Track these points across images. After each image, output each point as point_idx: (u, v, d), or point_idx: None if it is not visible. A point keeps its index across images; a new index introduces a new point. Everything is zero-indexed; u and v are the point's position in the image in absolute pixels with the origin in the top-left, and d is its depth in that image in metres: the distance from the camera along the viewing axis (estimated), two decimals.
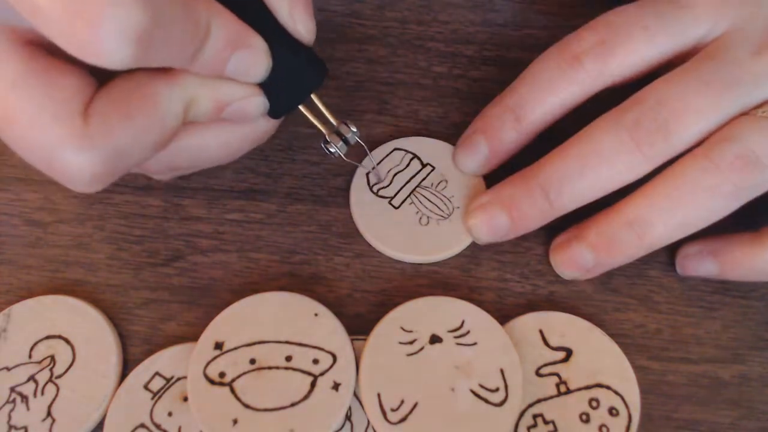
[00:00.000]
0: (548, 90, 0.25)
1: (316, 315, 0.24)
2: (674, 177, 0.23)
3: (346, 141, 0.25)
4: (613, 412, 0.23)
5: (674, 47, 0.25)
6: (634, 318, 0.26)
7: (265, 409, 0.22)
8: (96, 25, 0.15)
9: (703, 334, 0.26)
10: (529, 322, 0.25)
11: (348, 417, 0.23)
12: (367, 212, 0.27)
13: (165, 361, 0.24)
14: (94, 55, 0.16)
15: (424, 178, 0.28)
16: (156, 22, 0.16)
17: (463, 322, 0.24)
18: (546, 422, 0.23)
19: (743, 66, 0.23)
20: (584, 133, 0.24)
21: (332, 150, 0.25)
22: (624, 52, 0.24)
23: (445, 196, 0.28)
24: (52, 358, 0.24)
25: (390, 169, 0.28)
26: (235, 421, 0.22)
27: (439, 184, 0.28)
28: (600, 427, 0.23)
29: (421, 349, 0.23)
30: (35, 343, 0.24)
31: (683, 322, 0.26)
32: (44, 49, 0.18)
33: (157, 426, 0.23)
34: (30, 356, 0.24)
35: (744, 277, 0.25)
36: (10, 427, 0.23)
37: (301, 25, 0.22)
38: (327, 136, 0.25)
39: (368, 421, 0.23)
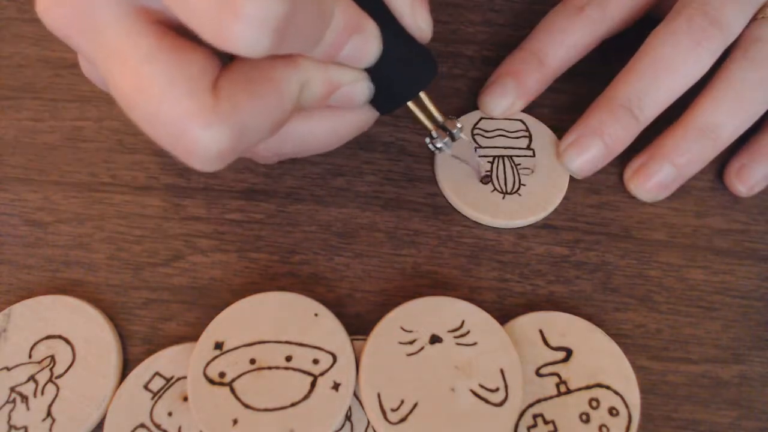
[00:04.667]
0: (562, 35, 0.29)
1: (316, 315, 0.24)
2: (726, 80, 0.26)
3: (452, 136, 0.25)
4: (613, 412, 0.23)
5: None
6: (634, 318, 0.26)
7: (265, 409, 0.22)
8: (239, 15, 0.15)
9: (703, 334, 0.26)
10: (529, 322, 0.25)
11: (348, 417, 0.23)
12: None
13: (165, 361, 0.24)
14: (235, 45, 0.16)
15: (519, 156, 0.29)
16: (293, 10, 0.16)
17: (463, 322, 0.24)
18: (546, 422, 0.23)
19: None
20: (646, 47, 0.27)
21: (439, 146, 0.25)
22: None
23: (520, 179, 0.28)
24: (52, 358, 0.24)
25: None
26: (235, 421, 0.22)
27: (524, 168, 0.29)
28: (600, 427, 0.23)
29: (421, 349, 0.23)
30: (35, 343, 0.24)
31: (683, 322, 0.26)
32: (172, 29, 0.18)
33: (157, 426, 0.23)
34: (30, 356, 0.24)
35: None
36: (10, 427, 0.23)
37: (422, 20, 0.22)
38: (433, 132, 0.25)
39: (368, 421, 0.23)
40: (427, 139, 0.26)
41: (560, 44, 0.29)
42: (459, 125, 0.25)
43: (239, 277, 0.27)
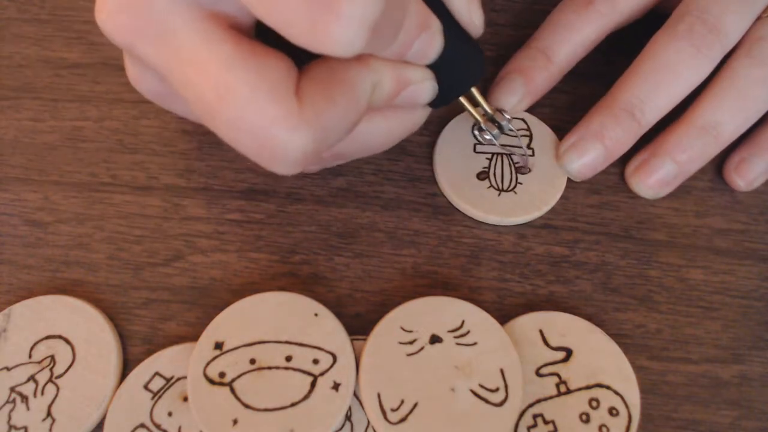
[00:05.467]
0: (570, 31, 0.29)
1: (316, 315, 0.24)
2: (729, 78, 0.26)
3: (500, 128, 0.26)
4: (613, 412, 0.23)
5: None
6: (634, 318, 0.26)
7: (265, 409, 0.22)
8: (338, 15, 0.15)
9: (703, 334, 0.26)
10: (529, 322, 0.25)
11: (348, 417, 0.23)
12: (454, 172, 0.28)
13: (165, 361, 0.24)
14: (330, 46, 0.16)
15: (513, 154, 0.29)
16: (386, 9, 0.16)
17: (463, 322, 0.24)
18: (546, 422, 0.23)
19: None
20: (647, 52, 0.27)
21: (487, 137, 0.26)
22: None
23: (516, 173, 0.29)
24: (52, 358, 0.24)
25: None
26: (235, 421, 0.22)
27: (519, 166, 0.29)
28: (600, 427, 0.23)
29: (421, 349, 0.23)
30: (35, 343, 0.24)
31: (683, 322, 0.26)
32: (246, 34, 0.18)
33: (157, 426, 0.23)
34: (30, 356, 0.24)
35: None
36: (10, 427, 0.23)
37: (476, 16, 0.23)
38: (482, 124, 0.26)
39: (368, 421, 0.23)
40: (476, 132, 0.26)
41: (568, 41, 0.29)
42: (507, 116, 0.26)
43: (239, 277, 0.27)
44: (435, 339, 0.24)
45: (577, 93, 0.31)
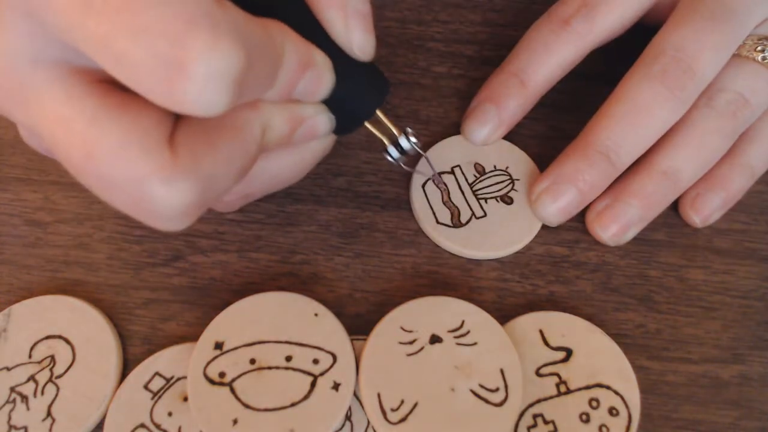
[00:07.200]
0: (546, 53, 0.28)
1: (316, 315, 0.24)
2: (689, 127, 0.26)
3: (403, 151, 0.25)
4: (613, 412, 0.23)
5: None
6: (634, 318, 0.26)
7: (265, 409, 0.22)
8: (190, 76, 0.14)
9: (703, 334, 0.26)
10: (529, 322, 0.25)
11: (348, 417, 0.23)
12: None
13: (165, 361, 0.24)
14: (190, 107, 0.15)
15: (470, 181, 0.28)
16: (249, 61, 0.15)
17: (463, 322, 0.24)
18: (546, 422, 0.23)
19: None
20: (621, 92, 0.26)
21: (390, 159, 0.25)
22: (607, 9, 0.27)
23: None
24: (52, 358, 0.24)
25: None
26: (235, 421, 0.22)
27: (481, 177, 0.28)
28: (600, 427, 0.23)
29: (421, 349, 0.23)
30: (35, 343, 0.24)
31: (683, 322, 0.26)
32: (118, 86, 0.16)
33: (157, 426, 0.23)
34: (30, 356, 0.24)
35: (742, 189, 0.28)
36: (10, 427, 0.23)
37: (356, 42, 0.21)
38: (389, 147, 0.25)
39: (368, 421, 0.23)
40: (383, 151, 0.25)
41: (544, 63, 0.28)
42: (414, 140, 0.25)
43: (239, 277, 0.27)
44: (435, 339, 0.24)
45: (576, 93, 0.31)
